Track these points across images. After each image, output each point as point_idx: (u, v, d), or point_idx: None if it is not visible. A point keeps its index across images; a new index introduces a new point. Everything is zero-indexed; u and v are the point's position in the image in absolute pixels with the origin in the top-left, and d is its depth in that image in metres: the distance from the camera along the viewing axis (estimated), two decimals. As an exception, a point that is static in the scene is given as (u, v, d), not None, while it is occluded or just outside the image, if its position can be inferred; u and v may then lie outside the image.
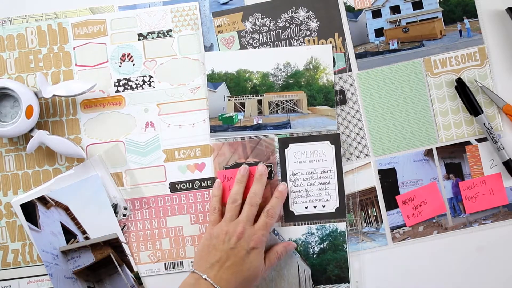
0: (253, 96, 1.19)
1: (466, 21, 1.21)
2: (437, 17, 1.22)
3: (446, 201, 1.19)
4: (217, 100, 1.18)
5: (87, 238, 1.15)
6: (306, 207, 1.18)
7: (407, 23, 1.22)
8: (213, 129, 1.18)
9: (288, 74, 1.19)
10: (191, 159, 1.18)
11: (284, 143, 1.18)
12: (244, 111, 1.19)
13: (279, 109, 1.19)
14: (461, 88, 1.19)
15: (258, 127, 1.19)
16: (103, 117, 1.18)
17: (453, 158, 1.20)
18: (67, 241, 1.15)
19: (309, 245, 1.18)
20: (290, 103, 1.19)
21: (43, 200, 1.15)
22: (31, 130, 1.12)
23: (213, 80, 1.18)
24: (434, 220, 1.19)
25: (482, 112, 1.18)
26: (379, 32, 1.22)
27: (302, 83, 1.19)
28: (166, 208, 1.17)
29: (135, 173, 1.17)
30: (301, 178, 1.18)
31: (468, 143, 1.20)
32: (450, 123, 1.20)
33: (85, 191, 1.15)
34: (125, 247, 1.17)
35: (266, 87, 1.19)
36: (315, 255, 1.18)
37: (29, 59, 1.17)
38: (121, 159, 1.18)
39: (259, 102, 1.19)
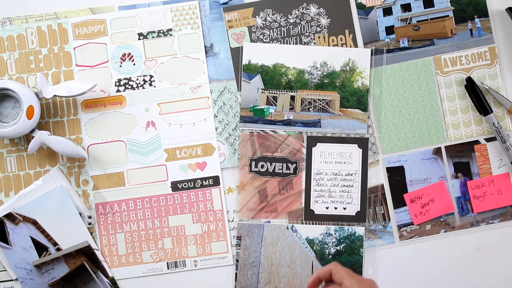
0: (286, 91, 1.19)
1: (477, 20, 1.20)
2: (448, 15, 1.20)
3: (454, 200, 1.18)
4: (251, 92, 1.19)
5: (58, 249, 1.16)
6: (327, 208, 1.18)
7: (418, 21, 1.20)
8: (243, 119, 1.18)
9: (324, 73, 1.19)
10: (192, 158, 1.18)
11: (312, 141, 1.18)
12: (276, 105, 1.19)
13: (311, 107, 1.19)
14: (471, 87, 1.18)
15: (288, 123, 1.19)
16: (104, 117, 1.18)
17: (462, 157, 1.19)
18: (39, 255, 1.15)
19: (325, 246, 1.18)
20: (322, 103, 1.19)
21: (10, 216, 1.15)
22: (32, 131, 1.12)
23: (249, 71, 1.18)
24: (442, 219, 1.18)
25: (492, 111, 1.16)
26: (389, 30, 1.21)
27: (337, 84, 1.19)
28: (168, 207, 1.18)
29: (136, 172, 1.18)
30: (325, 178, 1.18)
31: (477, 142, 1.19)
32: (459, 122, 1.19)
33: (51, 203, 1.16)
34: (98, 253, 1.17)
35: (300, 83, 1.19)
36: (330, 256, 1.18)
37: (29, 60, 1.18)
38: (122, 158, 1.18)
39: (292, 98, 1.19)
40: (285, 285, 1.17)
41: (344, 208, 1.18)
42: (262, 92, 1.19)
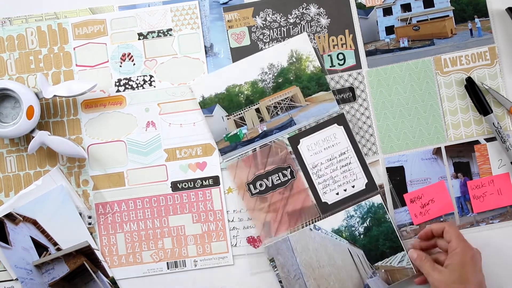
0: (249, 107, 1.19)
1: (477, 20, 1.20)
2: (448, 15, 1.20)
3: (454, 200, 1.18)
4: (217, 123, 1.18)
5: (59, 249, 1.16)
6: (337, 193, 1.18)
7: (418, 21, 1.21)
8: (223, 151, 1.18)
9: (275, 74, 1.19)
10: (192, 158, 1.18)
11: (294, 141, 1.18)
12: (246, 124, 1.19)
13: (278, 111, 1.19)
14: (471, 87, 1.18)
15: (264, 135, 1.18)
16: (104, 117, 1.18)
17: (462, 157, 1.18)
18: (40, 255, 1.15)
19: (353, 228, 1.18)
20: (287, 101, 1.19)
21: (10, 216, 1.15)
22: (32, 131, 1.12)
23: (206, 105, 1.18)
24: (442, 219, 1.18)
25: (492, 111, 1.16)
26: (389, 30, 1.21)
27: (291, 78, 1.19)
28: (168, 207, 1.18)
29: (136, 172, 1.18)
30: (323, 168, 1.18)
31: (476, 142, 1.19)
32: (459, 122, 1.18)
33: (51, 203, 1.16)
34: (98, 253, 1.17)
35: (258, 94, 1.19)
36: (362, 236, 1.18)
37: (29, 60, 1.18)
38: (122, 158, 1.18)
39: (257, 110, 1.19)
40: (335, 283, 1.16)
41: (353, 186, 1.18)
42: (227, 119, 1.19)
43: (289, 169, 1.18)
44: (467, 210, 1.18)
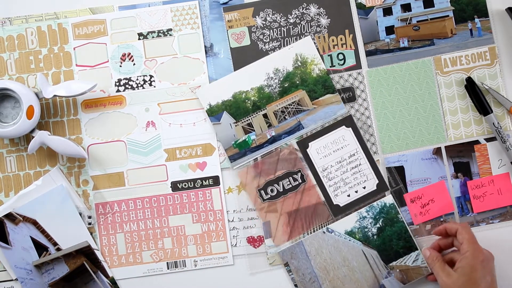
0: (256, 113, 1.19)
1: (477, 20, 1.20)
2: (448, 15, 1.20)
3: (454, 200, 1.18)
4: (225, 130, 1.18)
5: (58, 249, 1.16)
6: (349, 195, 1.18)
7: (418, 22, 1.21)
8: (232, 158, 1.18)
9: (281, 79, 1.19)
10: (192, 158, 1.18)
11: (303, 145, 1.18)
12: (254, 130, 1.19)
13: (286, 115, 1.19)
14: (471, 87, 1.17)
15: (273, 140, 1.18)
16: (104, 117, 1.18)
17: (462, 157, 1.18)
18: (39, 255, 1.15)
19: (366, 229, 1.18)
20: (294, 105, 1.19)
21: (10, 216, 1.15)
22: (32, 131, 1.12)
23: (214, 113, 1.18)
24: (442, 219, 1.18)
25: (492, 111, 1.16)
26: (389, 30, 1.21)
27: (297, 82, 1.19)
28: (168, 207, 1.18)
29: (136, 172, 1.18)
30: (333, 170, 1.18)
31: (477, 142, 1.18)
32: (459, 122, 1.18)
33: (51, 203, 1.16)
34: (98, 253, 1.17)
35: (265, 99, 1.19)
36: (375, 236, 1.18)
37: (29, 60, 1.18)
38: (122, 158, 1.18)
39: (265, 116, 1.19)
40: (350, 284, 1.16)
41: (364, 188, 1.18)
42: (235, 125, 1.19)
43: (299, 173, 1.18)
44: (467, 210, 1.18)
